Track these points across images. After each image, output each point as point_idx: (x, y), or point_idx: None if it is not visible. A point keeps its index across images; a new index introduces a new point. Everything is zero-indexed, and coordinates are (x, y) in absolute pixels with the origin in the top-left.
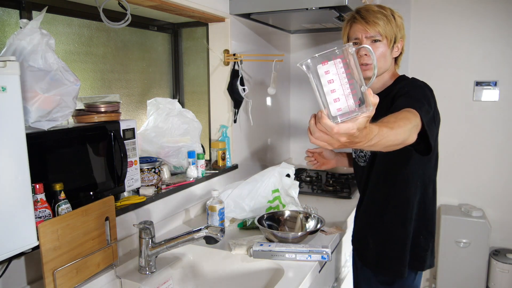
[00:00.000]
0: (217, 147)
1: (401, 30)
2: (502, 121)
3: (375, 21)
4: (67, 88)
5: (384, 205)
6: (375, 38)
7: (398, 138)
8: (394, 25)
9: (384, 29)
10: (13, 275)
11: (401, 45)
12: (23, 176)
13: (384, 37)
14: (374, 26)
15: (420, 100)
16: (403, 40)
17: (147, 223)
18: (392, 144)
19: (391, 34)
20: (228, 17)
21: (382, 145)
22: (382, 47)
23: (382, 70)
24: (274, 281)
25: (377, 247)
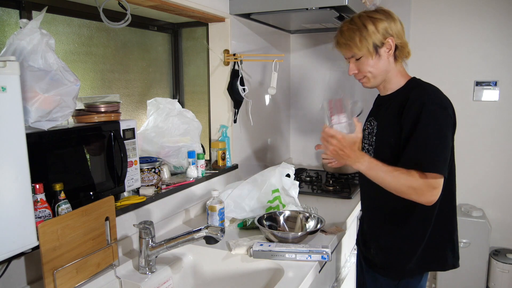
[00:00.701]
0: (217, 147)
1: (381, 31)
2: (502, 121)
3: (346, 43)
4: (67, 88)
5: (396, 205)
6: (355, 57)
7: (388, 183)
8: (367, 36)
9: (359, 46)
10: (13, 275)
11: (392, 42)
12: (23, 176)
13: (361, 53)
14: (347, 49)
15: (434, 150)
16: (391, 35)
17: (147, 223)
18: (384, 185)
19: (367, 46)
20: (228, 17)
21: (375, 178)
22: (366, 61)
23: (380, 77)
24: (274, 281)
25: (386, 248)
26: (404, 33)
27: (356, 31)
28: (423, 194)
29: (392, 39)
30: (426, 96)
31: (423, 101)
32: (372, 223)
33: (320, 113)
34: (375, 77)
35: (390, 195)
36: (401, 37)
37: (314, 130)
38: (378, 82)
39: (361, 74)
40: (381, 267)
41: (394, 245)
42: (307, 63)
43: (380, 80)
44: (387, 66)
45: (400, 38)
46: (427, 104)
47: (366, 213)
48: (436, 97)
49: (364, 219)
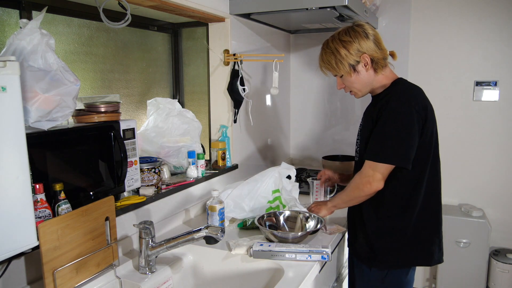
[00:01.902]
0: (217, 147)
1: (351, 53)
2: (502, 121)
3: (325, 66)
4: (67, 88)
5: (377, 197)
6: (337, 75)
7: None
8: (341, 59)
9: (335, 68)
10: (13, 275)
11: (367, 57)
12: (23, 176)
13: (341, 73)
14: (328, 70)
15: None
16: (364, 52)
17: (147, 223)
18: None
19: (343, 68)
20: (228, 17)
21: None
22: (347, 79)
23: (365, 88)
24: (274, 281)
25: (372, 239)
26: (379, 44)
27: (331, 55)
28: (363, 186)
29: (365, 55)
30: (392, 94)
31: (388, 99)
32: (359, 212)
33: (320, 112)
34: (361, 90)
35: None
36: (375, 51)
37: (314, 130)
38: (365, 92)
39: (348, 89)
40: (367, 257)
41: (379, 233)
42: (307, 63)
43: (367, 90)
44: (368, 78)
45: (374, 52)
46: (390, 101)
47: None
48: (401, 95)
49: (354, 209)
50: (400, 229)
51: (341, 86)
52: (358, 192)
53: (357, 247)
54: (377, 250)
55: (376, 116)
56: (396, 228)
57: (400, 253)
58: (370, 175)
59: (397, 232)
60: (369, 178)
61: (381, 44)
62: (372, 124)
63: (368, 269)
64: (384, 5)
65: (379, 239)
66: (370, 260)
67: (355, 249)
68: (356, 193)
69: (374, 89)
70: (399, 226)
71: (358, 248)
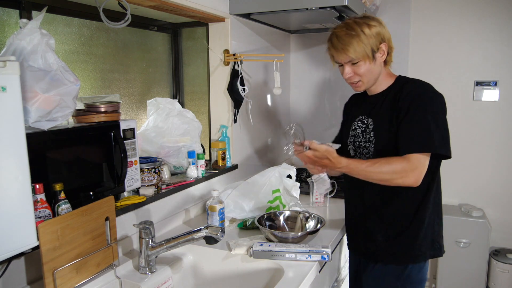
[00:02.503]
0: (217, 147)
1: (377, 37)
2: (502, 121)
3: (344, 48)
4: (67, 88)
5: (393, 193)
6: (352, 61)
7: (371, 176)
8: (365, 41)
9: (356, 51)
10: (13, 275)
11: (385, 47)
12: (23, 176)
13: (359, 58)
14: (344, 53)
15: (429, 127)
16: (385, 41)
17: (147, 223)
18: (369, 179)
19: (365, 52)
20: (228, 17)
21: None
22: (362, 66)
23: (372, 80)
24: (274, 281)
25: (390, 239)
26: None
27: (354, 36)
28: (407, 175)
29: (385, 44)
30: (422, 86)
31: (420, 90)
32: (376, 219)
33: (320, 112)
34: (369, 81)
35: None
36: (391, 43)
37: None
38: (370, 85)
39: (357, 78)
40: (388, 254)
41: (402, 230)
42: (307, 63)
43: (372, 83)
44: (379, 70)
45: (390, 44)
46: (425, 91)
47: (365, 212)
48: (430, 87)
49: (363, 219)
50: (419, 223)
51: (350, 75)
52: (393, 177)
53: (374, 247)
54: (400, 244)
55: (406, 104)
56: (415, 222)
57: (418, 246)
58: (418, 167)
59: (416, 226)
60: (416, 170)
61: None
62: (395, 118)
63: (388, 265)
64: (384, 5)
65: (400, 235)
66: (392, 255)
67: (369, 251)
68: (391, 176)
69: (376, 84)
70: (417, 220)
71: (374, 249)
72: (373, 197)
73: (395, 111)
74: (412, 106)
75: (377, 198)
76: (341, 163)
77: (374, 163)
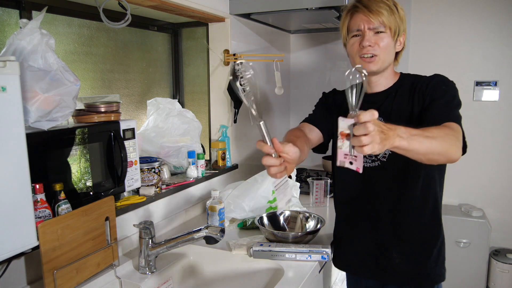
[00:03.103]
0: (217, 147)
1: (404, 22)
2: (502, 121)
3: (379, 10)
4: (67, 88)
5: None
6: (378, 29)
7: (434, 143)
8: (397, 16)
9: (388, 19)
10: (13, 275)
11: (403, 39)
12: (23, 176)
13: (388, 28)
14: (377, 16)
15: (458, 108)
16: (405, 33)
17: (147, 223)
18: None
19: (395, 25)
20: (228, 17)
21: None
22: (386, 38)
23: (386, 63)
24: (274, 281)
25: (409, 257)
26: None
27: (390, 6)
28: (459, 140)
29: (404, 36)
30: (439, 75)
31: (440, 77)
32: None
33: None
34: (384, 61)
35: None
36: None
37: None
38: (383, 68)
39: (377, 49)
40: (411, 274)
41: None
42: (307, 63)
43: (384, 67)
44: (392, 58)
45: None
46: (444, 78)
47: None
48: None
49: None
50: (438, 236)
51: (371, 42)
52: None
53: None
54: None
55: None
56: (437, 235)
57: (442, 261)
58: (461, 133)
59: (436, 239)
60: (460, 136)
61: None
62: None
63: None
64: None
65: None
66: (417, 275)
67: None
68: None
69: (383, 76)
70: (437, 230)
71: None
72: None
73: (418, 103)
74: (439, 91)
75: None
76: (400, 128)
77: (429, 128)
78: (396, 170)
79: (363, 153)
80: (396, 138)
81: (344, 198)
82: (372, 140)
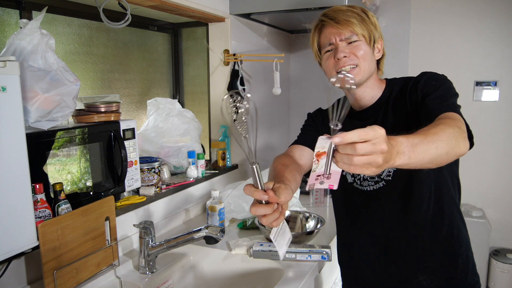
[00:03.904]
0: (217, 147)
1: (378, 29)
2: (502, 121)
3: (347, 20)
4: (67, 88)
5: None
6: (351, 39)
7: (440, 146)
8: (369, 23)
9: (360, 27)
10: (13, 275)
11: (381, 46)
12: (23, 176)
13: (361, 36)
14: (347, 26)
15: (454, 98)
16: (382, 40)
17: (147, 223)
18: (436, 154)
19: (368, 33)
20: (228, 17)
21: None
22: (362, 45)
23: (368, 73)
24: (274, 281)
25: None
26: None
27: (359, 14)
28: (465, 136)
29: (382, 42)
30: (427, 72)
31: (428, 74)
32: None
33: None
34: (365, 70)
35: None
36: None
37: None
38: (364, 78)
39: (354, 60)
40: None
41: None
42: (307, 63)
43: (366, 77)
44: (374, 66)
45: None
46: (433, 73)
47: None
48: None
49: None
50: (460, 242)
51: (345, 54)
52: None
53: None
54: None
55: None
56: (457, 241)
57: (473, 269)
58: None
59: (459, 245)
60: (463, 124)
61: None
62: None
63: None
64: (384, 5)
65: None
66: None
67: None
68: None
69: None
70: (458, 237)
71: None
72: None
73: (412, 108)
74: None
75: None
76: (401, 142)
77: (428, 129)
78: (404, 186)
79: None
80: (396, 156)
81: (348, 229)
82: (369, 162)
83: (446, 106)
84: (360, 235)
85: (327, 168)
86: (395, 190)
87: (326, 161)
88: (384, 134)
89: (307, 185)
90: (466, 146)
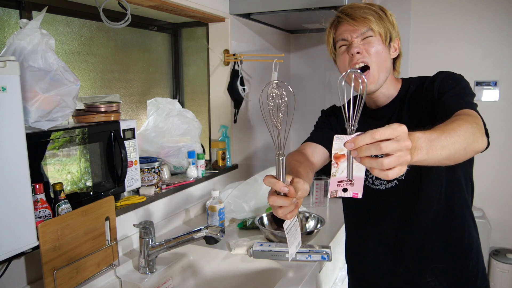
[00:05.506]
0: (217, 147)
1: (395, 27)
2: (502, 121)
3: (364, 17)
4: (67, 88)
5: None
6: (366, 35)
7: (458, 141)
8: (386, 21)
9: (377, 25)
10: (13, 275)
11: (398, 45)
12: (23, 176)
13: (377, 33)
14: (363, 22)
15: (470, 97)
16: (398, 39)
17: (147, 223)
18: (453, 149)
19: (385, 31)
20: (228, 17)
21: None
22: (376, 43)
23: (385, 72)
24: (274, 281)
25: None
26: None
27: (376, 11)
28: (483, 132)
29: (398, 42)
30: (444, 71)
31: (444, 73)
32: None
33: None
34: (379, 70)
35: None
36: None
37: None
38: (380, 82)
39: (366, 56)
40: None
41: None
42: (307, 63)
43: (382, 81)
44: (390, 66)
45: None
46: (450, 73)
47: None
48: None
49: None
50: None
51: (359, 49)
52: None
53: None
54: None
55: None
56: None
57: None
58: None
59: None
60: (480, 121)
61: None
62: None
63: None
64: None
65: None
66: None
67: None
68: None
69: (385, 88)
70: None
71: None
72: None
73: (428, 107)
74: (446, 85)
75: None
76: (418, 137)
77: (445, 125)
78: (415, 186)
79: (387, 178)
80: (414, 152)
81: (358, 228)
82: (399, 161)
83: (462, 103)
84: (370, 235)
85: (349, 173)
86: (406, 189)
87: (348, 165)
88: (406, 130)
89: (329, 192)
90: (484, 142)
